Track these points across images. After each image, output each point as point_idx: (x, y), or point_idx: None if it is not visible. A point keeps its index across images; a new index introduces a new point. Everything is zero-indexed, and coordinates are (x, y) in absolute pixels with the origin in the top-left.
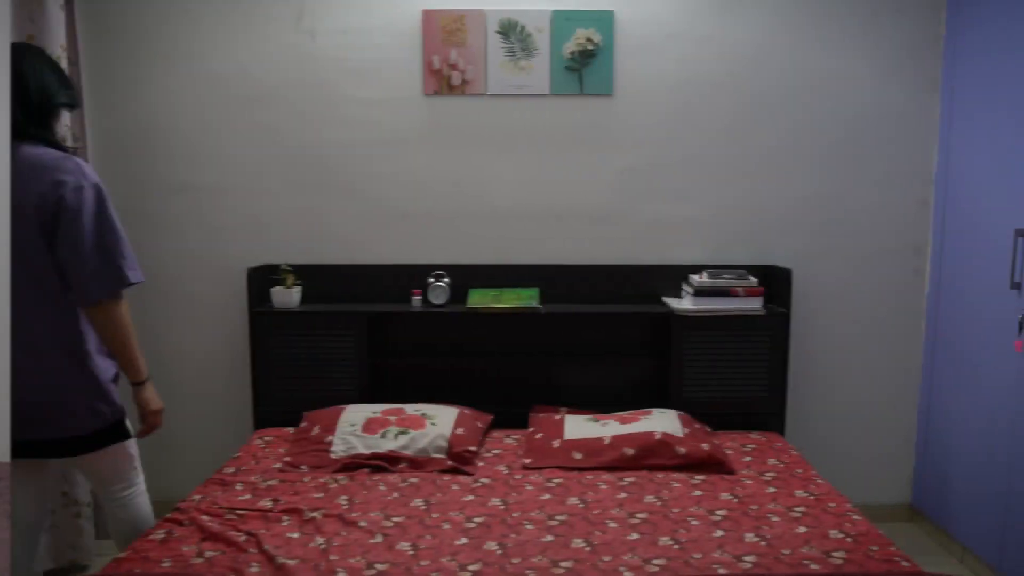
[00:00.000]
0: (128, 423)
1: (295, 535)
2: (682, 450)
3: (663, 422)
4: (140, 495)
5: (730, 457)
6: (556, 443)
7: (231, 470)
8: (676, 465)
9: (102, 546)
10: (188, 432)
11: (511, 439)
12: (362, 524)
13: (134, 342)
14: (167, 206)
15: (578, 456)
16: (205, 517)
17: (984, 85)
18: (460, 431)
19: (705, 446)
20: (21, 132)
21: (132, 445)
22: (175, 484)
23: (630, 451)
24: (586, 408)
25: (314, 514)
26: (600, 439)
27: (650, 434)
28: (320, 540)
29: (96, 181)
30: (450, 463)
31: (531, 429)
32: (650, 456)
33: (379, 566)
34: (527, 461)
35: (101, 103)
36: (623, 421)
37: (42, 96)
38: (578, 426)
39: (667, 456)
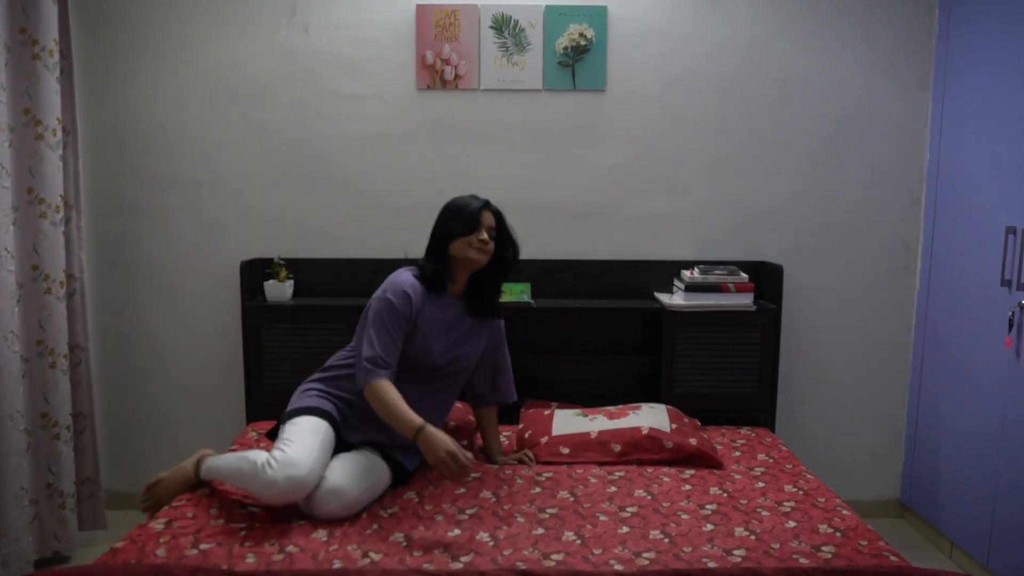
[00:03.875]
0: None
1: (291, 526)
2: (670, 444)
3: (651, 417)
4: None
5: (720, 452)
6: (544, 440)
7: None
8: (664, 460)
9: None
10: (182, 425)
11: (501, 434)
12: None
13: (392, 413)
14: (160, 200)
15: (565, 451)
16: (200, 508)
17: (976, 82)
18: (451, 425)
19: (693, 441)
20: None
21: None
22: None
23: (617, 447)
24: (577, 403)
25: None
26: (587, 434)
27: (637, 430)
28: (317, 533)
29: (385, 295)
30: None
31: (521, 425)
32: (637, 451)
33: (373, 555)
34: None
35: (94, 97)
36: (611, 416)
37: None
38: (566, 421)
39: (655, 451)
